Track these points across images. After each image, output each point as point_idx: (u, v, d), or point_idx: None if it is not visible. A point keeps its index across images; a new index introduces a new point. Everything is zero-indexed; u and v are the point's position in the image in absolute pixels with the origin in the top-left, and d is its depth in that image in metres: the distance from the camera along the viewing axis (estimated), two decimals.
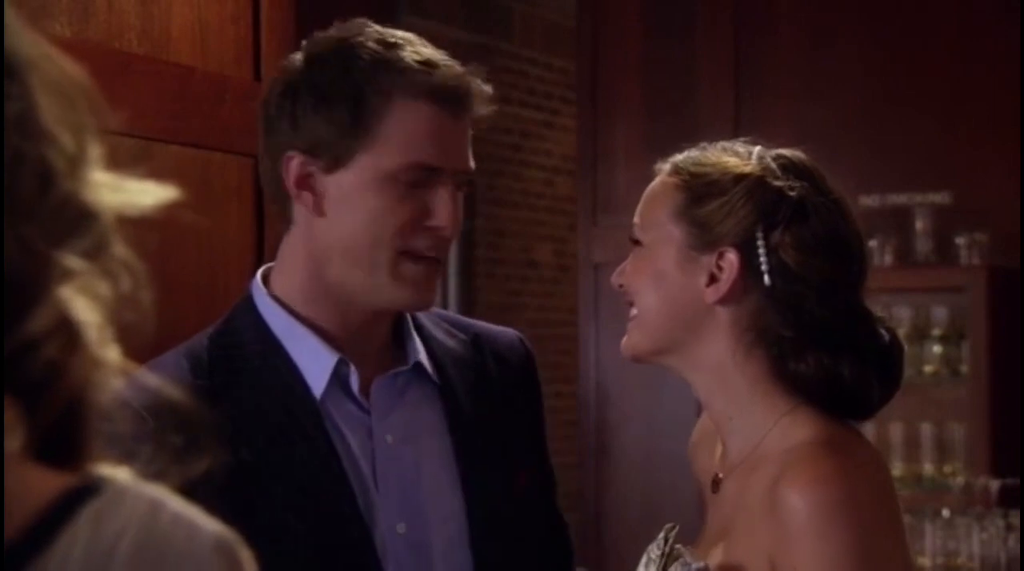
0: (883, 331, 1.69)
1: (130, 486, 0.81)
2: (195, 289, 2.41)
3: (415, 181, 1.66)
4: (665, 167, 1.73)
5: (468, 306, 6.41)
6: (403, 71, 1.65)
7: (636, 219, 1.72)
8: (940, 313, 4.78)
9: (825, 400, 1.64)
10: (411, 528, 1.68)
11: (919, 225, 4.86)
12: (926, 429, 4.77)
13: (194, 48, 2.50)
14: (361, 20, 1.72)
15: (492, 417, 1.77)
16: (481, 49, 6.19)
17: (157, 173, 0.80)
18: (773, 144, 1.75)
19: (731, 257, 1.63)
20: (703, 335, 1.65)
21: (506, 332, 1.88)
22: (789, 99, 5.10)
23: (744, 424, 1.66)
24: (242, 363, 1.68)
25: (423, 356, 1.74)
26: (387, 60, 1.66)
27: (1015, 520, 4.36)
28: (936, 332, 4.79)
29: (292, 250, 1.72)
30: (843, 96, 5.04)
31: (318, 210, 1.68)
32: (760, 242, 1.63)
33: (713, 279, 1.64)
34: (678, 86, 5.27)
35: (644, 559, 1.70)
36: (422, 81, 1.65)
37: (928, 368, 4.80)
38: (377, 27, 1.71)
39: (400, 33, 1.71)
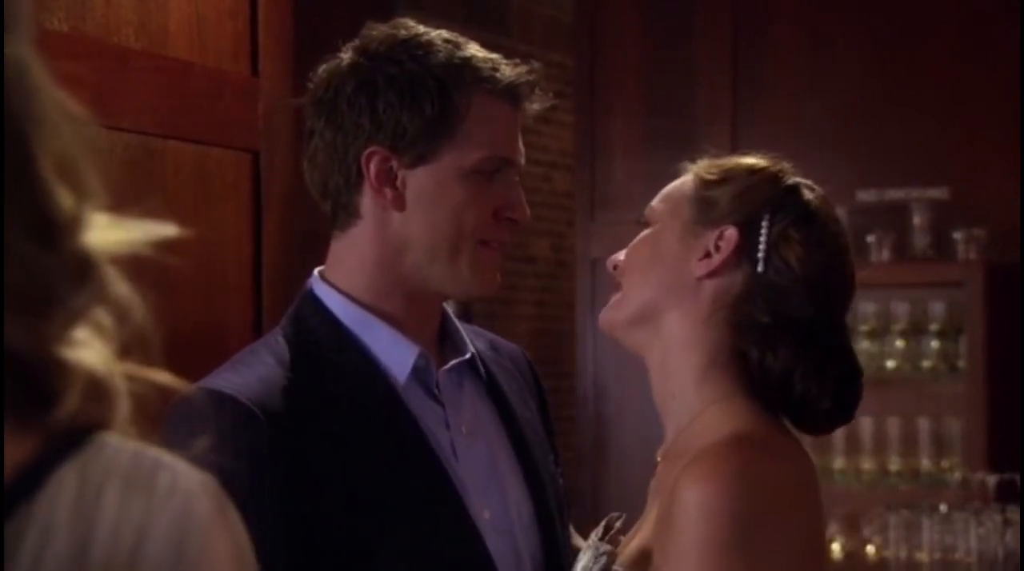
0: (850, 358, 1.70)
1: (111, 439, 0.82)
2: (193, 283, 2.41)
3: (491, 173, 1.72)
4: (691, 166, 1.76)
5: (466, 302, 6.41)
6: (479, 68, 1.72)
7: (653, 203, 1.75)
8: (938, 308, 4.78)
9: (775, 400, 1.65)
10: (494, 514, 1.74)
11: (917, 220, 4.86)
12: (923, 424, 4.77)
13: (192, 43, 2.50)
14: (401, 19, 1.76)
15: (525, 412, 1.86)
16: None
17: (155, 169, 0.80)
18: (771, 141, 1.77)
19: (731, 233, 1.66)
20: (679, 306, 1.67)
21: (510, 344, 1.97)
22: (787, 96, 5.09)
23: (682, 405, 1.67)
24: (320, 358, 1.71)
25: (472, 349, 1.81)
26: (463, 57, 1.72)
27: (1013, 515, 4.36)
28: (934, 327, 4.79)
29: (357, 244, 1.74)
30: (842, 94, 5.03)
31: (398, 205, 1.71)
32: (764, 227, 1.66)
33: (707, 255, 1.67)
34: (676, 83, 5.27)
35: (586, 543, 1.74)
36: (496, 78, 1.72)
37: (926, 363, 4.80)
38: (422, 25, 1.75)
39: (451, 32, 1.76)
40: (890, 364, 4.83)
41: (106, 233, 0.83)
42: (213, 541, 0.80)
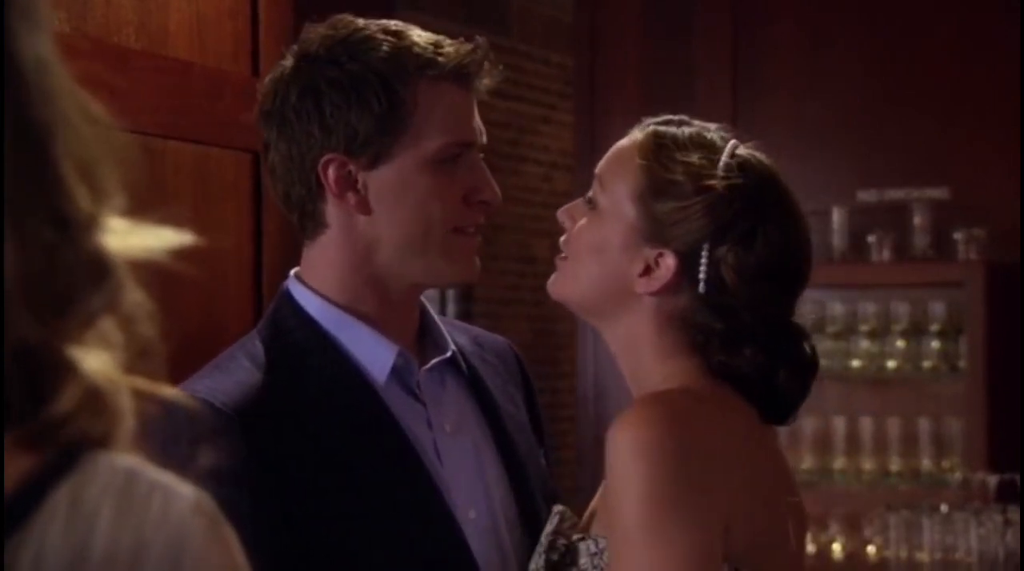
0: (806, 345, 1.70)
1: (105, 458, 0.81)
2: (193, 285, 2.41)
3: (452, 159, 1.69)
4: (639, 136, 1.72)
5: (466, 301, 6.40)
6: (420, 55, 1.67)
7: (600, 173, 1.72)
8: (938, 308, 4.78)
9: (749, 391, 1.66)
10: (479, 514, 1.72)
11: (917, 220, 4.86)
12: (924, 424, 4.77)
13: (192, 43, 2.50)
14: (341, 15, 1.72)
15: (510, 407, 1.83)
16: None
17: (154, 169, 0.80)
18: (771, 142, 1.75)
19: (669, 261, 1.65)
20: (626, 311, 1.68)
21: (496, 337, 1.94)
22: (787, 96, 5.09)
23: (645, 383, 1.68)
24: (298, 360, 1.69)
25: (452, 345, 1.78)
26: (403, 47, 1.67)
27: (1013, 515, 4.36)
28: (934, 327, 4.79)
29: (326, 250, 1.71)
30: (842, 94, 5.03)
31: (363, 208, 1.68)
32: (704, 255, 1.64)
33: (648, 270, 1.66)
34: (676, 83, 5.27)
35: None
36: (440, 62, 1.67)
37: (926, 363, 4.80)
38: (360, 19, 1.71)
39: (391, 21, 1.72)
40: (890, 364, 4.83)
41: (124, 239, 0.82)
42: (209, 564, 0.79)
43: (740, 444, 1.61)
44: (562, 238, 1.75)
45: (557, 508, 1.70)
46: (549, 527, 1.68)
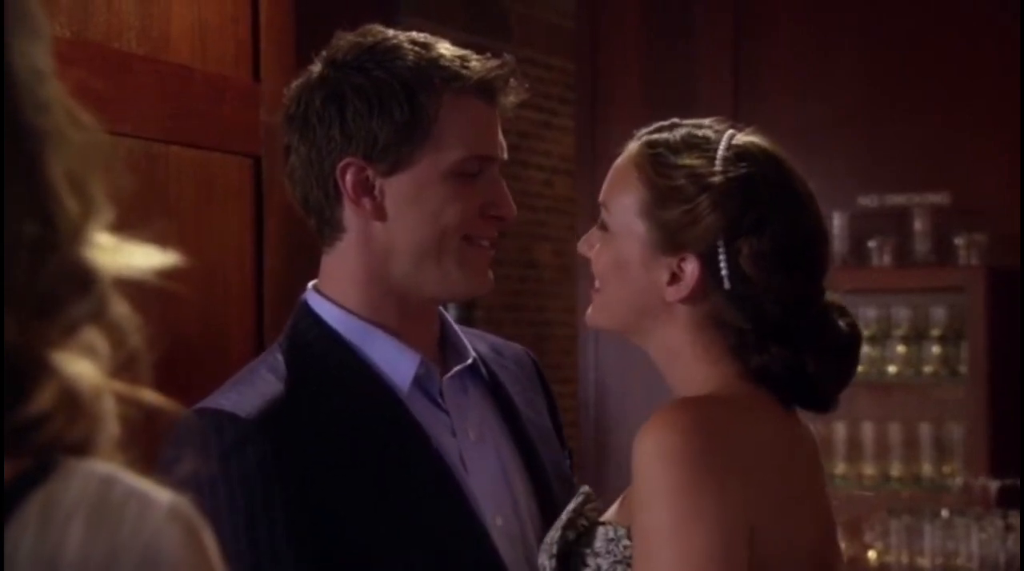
0: (841, 323, 1.70)
1: (81, 465, 0.80)
2: (195, 289, 2.41)
3: (471, 172, 1.70)
4: (634, 148, 1.73)
5: (469, 307, 6.41)
6: (447, 68, 1.69)
7: (603, 198, 1.73)
8: (939, 313, 4.79)
9: (785, 389, 1.66)
10: (506, 521, 1.72)
11: (918, 225, 4.86)
12: (925, 429, 4.78)
13: (193, 49, 2.51)
14: (372, 25, 1.74)
15: (531, 413, 1.85)
16: (480, 49, 6.17)
17: (156, 174, 0.80)
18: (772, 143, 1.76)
19: (692, 266, 1.65)
20: (662, 323, 1.68)
21: (514, 344, 1.95)
22: (788, 99, 5.10)
23: (685, 389, 1.68)
24: (321, 372, 1.69)
25: (472, 353, 1.79)
26: (430, 59, 1.69)
27: (1014, 520, 4.36)
28: (935, 332, 4.79)
29: (345, 259, 1.72)
30: (842, 96, 5.04)
31: (378, 214, 1.69)
32: (722, 251, 1.64)
33: (675, 278, 1.66)
34: (677, 86, 5.27)
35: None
36: (465, 76, 1.69)
37: (927, 368, 4.80)
38: (390, 29, 1.73)
39: (420, 33, 1.74)
40: (891, 369, 4.83)
41: (110, 256, 0.82)
42: None
43: (766, 450, 1.62)
44: (592, 266, 1.76)
45: (584, 488, 1.71)
46: (573, 504, 1.69)
